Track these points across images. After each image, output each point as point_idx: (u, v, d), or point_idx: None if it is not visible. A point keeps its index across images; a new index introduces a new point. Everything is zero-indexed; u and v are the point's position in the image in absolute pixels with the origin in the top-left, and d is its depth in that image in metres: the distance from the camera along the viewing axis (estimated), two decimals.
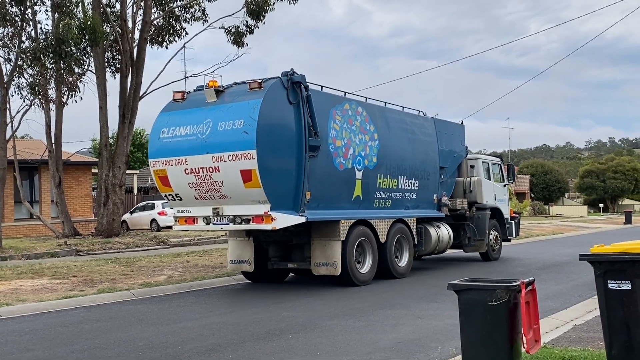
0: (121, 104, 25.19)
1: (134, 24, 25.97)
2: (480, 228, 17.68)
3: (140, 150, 60.50)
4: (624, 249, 5.54)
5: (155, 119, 13.07)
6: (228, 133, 11.63)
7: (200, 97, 12.59)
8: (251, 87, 11.88)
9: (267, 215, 11.62)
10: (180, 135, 12.33)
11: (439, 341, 7.84)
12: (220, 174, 11.75)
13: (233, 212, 12.06)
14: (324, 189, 12.65)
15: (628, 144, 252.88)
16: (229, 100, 12.08)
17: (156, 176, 12.80)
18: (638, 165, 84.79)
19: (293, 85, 12.13)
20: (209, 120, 12.01)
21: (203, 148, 11.91)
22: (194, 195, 12.37)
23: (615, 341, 5.66)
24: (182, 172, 12.24)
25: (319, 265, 12.90)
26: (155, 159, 12.70)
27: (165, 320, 9.64)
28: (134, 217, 33.36)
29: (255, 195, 11.55)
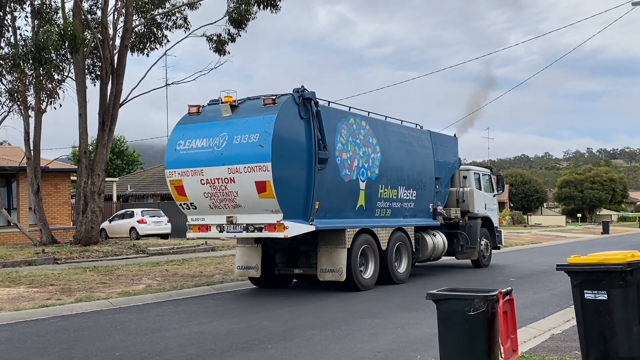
0: (101, 111, 25.02)
1: (115, 31, 25.86)
2: (472, 236, 18.41)
3: (120, 157, 60.15)
4: (600, 260, 5.61)
5: (172, 132, 13.81)
6: (244, 146, 12.29)
7: (215, 111, 13.20)
8: (265, 103, 12.48)
9: (279, 224, 12.28)
10: (197, 148, 12.97)
11: (418, 351, 7.86)
12: (236, 185, 12.41)
13: (246, 220, 12.70)
14: (331, 199, 13.29)
15: (606, 154, 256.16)
16: (244, 115, 12.69)
17: (172, 186, 13.38)
18: (615, 176, 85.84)
19: (304, 102, 12.78)
20: (225, 134, 12.65)
21: (219, 160, 12.54)
22: (208, 205, 13.00)
23: (591, 351, 5.72)
24: (198, 183, 12.87)
25: (325, 271, 13.51)
26: (172, 169, 13.29)
27: (144, 330, 9.56)
28: (113, 225, 33.08)
29: (269, 205, 12.21)
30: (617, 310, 5.52)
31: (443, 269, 19.16)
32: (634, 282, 5.52)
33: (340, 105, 14.15)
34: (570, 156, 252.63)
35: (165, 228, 32.42)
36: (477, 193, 19.18)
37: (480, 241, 18.85)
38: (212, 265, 18.93)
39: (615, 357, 5.59)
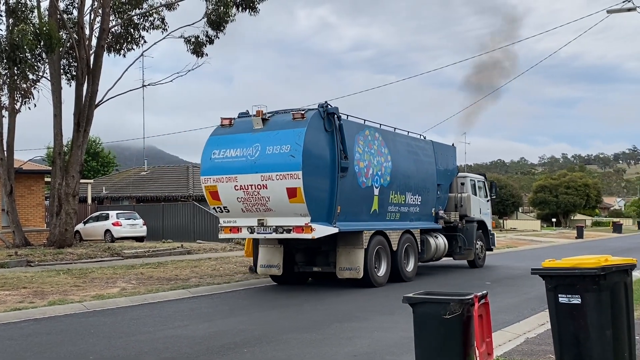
0: (76, 112, 24.74)
1: (92, 31, 25.60)
2: (469, 238, 19.84)
3: (95, 159, 59.53)
4: (574, 264, 5.65)
5: (206, 142, 14.98)
6: (276, 156, 13.64)
7: (246, 123, 14.58)
8: (295, 117, 13.83)
9: (307, 226, 13.60)
10: (231, 157, 14.34)
11: (394, 354, 7.87)
12: (268, 191, 13.73)
13: (276, 223, 14.01)
14: (350, 204, 14.61)
15: (580, 160, 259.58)
16: (275, 127, 14.06)
17: (207, 191, 14.70)
18: (589, 182, 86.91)
19: (328, 116, 14.15)
20: (258, 145, 14.02)
21: (252, 168, 13.87)
22: (241, 208, 14.31)
23: (565, 354, 5.76)
24: (232, 189, 14.18)
25: (344, 269, 14.82)
26: (207, 176, 14.65)
27: (118, 334, 9.45)
28: (88, 228, 32.71)
29: (298, 209, 13.52)
30: (591, 314, 5.56)
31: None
32: (607, 287, 5.57)
33: (356, 118, 15.35)
34: (546, 161, 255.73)
35: (140, 231, 32.14)
36: (473, 198, 20.61)
37: (476, 243, 20.18)
38: (188, 268, 18.80)
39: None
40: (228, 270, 18.65)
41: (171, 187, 41.85)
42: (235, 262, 20.73)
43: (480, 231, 20.60)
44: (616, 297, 5.69)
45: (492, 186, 22.68)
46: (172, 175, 44.75)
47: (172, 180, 43.38)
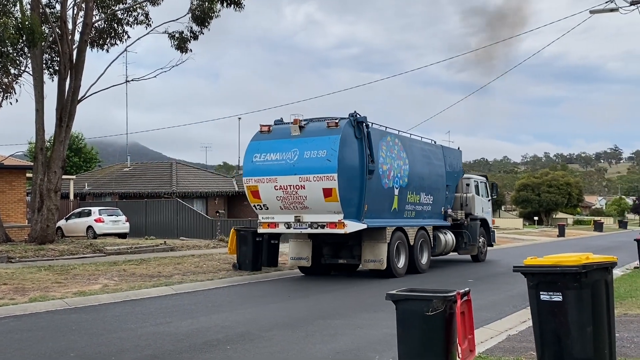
0: (59, 107, 24.51)
1: (75, 25, 25.35)
2: (473, 235, 21.71)
3: (78, 155, 59.00)
4: (555, 262, 5.69)
5: (248, 146, 16.74)
6: (313, 160, 15.35)
7: (283, 129, 16.27)
8: (329, 125, 15.50)
9: (340, 223, 15.30)
10: (271, 160, 16.00)
11: (377, 351, 7.89)
12: (305, 191, 15.44)
13: (311, 219, 15.72)
14: (375, 202, 16.21)
15: (562, 159, 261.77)
16: (311, 134, 15.75)
17: (248, 190, 16.45)
18: (571, 180, 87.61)
19: (358, 124, 15.78)
20: (296, 150, 15.70)
21: (291, 170, 15.58)
22: (279, 206, 16.01)
23: (546, 351, 5.80)
24: (272, 188, 15.87)
25: (368, 261, 16.45)
26: (249, 177, 16.39)
27: (100, 330, 9.39)
28: (70, 224, 32.44)
29: (333, 207, 15.26)
30: (572, 311, 5.61)
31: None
32: (588, 284, 5.62)
33: (379, 125, 16.93)
34: (528, 160, 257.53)
35: (123, 227, 31.93)
36: (476, 198, 22.53)
37: (479, 239, 22.21)
38: (170, 265, 18.71)
39: (569, 358, 5.67)
40: (211, 267, 18.59)
41: (154, 183, 41.62)
42: (218, 259, 20.67)
43: (482, 228, 22.52)
44: (597, 295, 5.73)
45: (493, 187, 24.78)
46: (155, 171, 44.50)
47: (155, 176, 43.14)
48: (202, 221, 33.05)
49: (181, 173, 43.72)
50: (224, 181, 45.82)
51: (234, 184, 44.62)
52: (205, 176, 45.86)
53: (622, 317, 9.73)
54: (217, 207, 42.43)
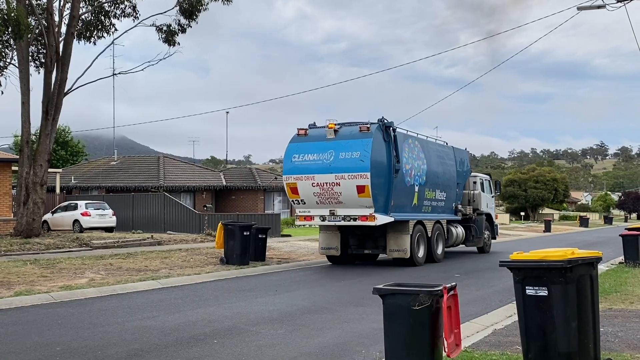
0: (45, 100, 24.33)
1: (61, 17, 25.15)
2: (479, 228, 23.71)
3: (64, 148, 58.63)
4: (541, 257, 5.72)
5: (287, 148, 18.51)
6: (348, 160, 17.22)
7: (319, 133, 18.13)
8: (361, 129, 17.41)
9: (371, 216, 17.20)
10: (309, 160, 17.87)
11: (363, 345, 7.91)
12: (340, 187, 17.33)
13: (344, 213, 17.60)
14: (399, 198, 18.19)
15: (549, 155, 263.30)
16: (345, 137, 17.60)
17: (288, 187, 18.29)
18: (558, 176, 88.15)
19: (386, 128, 17.69)
20: (332, 151, 17.56)
21: (328, 169, 17.47)
22: (315, 201, 17.88)
23: (532, 345, 5.84)
24: (310, 185, 17.75)
25: (393, 251, 18.42)
26: (289, 175, 18.16)
27: (86, 325, 9.35)
28: (56, 218, 32.24)
29: (365, 202, 17.12)
30: (557, 306, 5.65)
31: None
32: (573, 279, 5.66)
33: (401, 129, 18.77)
34: (515, 156, 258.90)
35: (110, 221, 31.78)
36: (482, 195, 24.43)
37: (485, 232, 24.20)
38: (157, 259, 18.65)
39: (554, 352, 5.72)
40: (199, 261, 18.56)
41: (142, 177, 41.43)
42: (206, 253, 20.63)
43: (487, 223, 24.51)
44: (582, 290, 5.78)
45: (496, 184, 26.66)
46: (142, 165, 44.29)
47: (142, 170, 42.94)
48: (189, 215, 32.96)
49: (168, 167, 43.54)
50: (212, 175, 45.69)
51: (221, 178, 44.51)
52: (193, 170, 45.71)
53: (607, 311, 9.81)
54: (204, 201, 42.32)
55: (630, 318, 9.36)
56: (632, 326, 8.71)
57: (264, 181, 44.21)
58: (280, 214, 35.99)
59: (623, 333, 8.24)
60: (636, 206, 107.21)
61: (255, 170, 47.94)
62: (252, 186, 43.28)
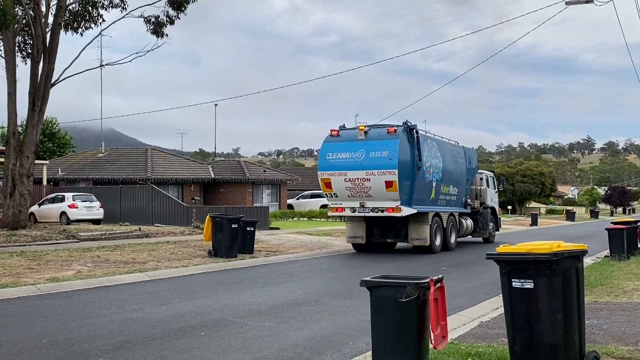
0: (31, 91, 24.14)
1: (48, 8, 24.95)
2: (485, 220, 25.97)
3: (51, 140, 58.20)
4: (527, 249, 5.75)
5: (321, 147, 20.85)
6: (377, 159, 19.39)
7: (350, 134, 20.29)
8: (389, 131, 19.63)
9: (397, 208, 19.46)
10: (342, 159, 20.01)
11: (351, 337, 7.94)
12: (370, 182, 19.51)
13: (373, 205, 19.81)
14: (420, 192, 20.41)
15: (536, 149, 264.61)
16: (374, 138, 19.74)
17: (322, 182, 20.43)
18: (545, 170, 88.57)
19: (410, 130, 19.88)
20: (363, 150, 19.70)
21: (359, 166, 19.62)
22: (347, 195, 20.05)
23: (518, 338, 5.88)
24: (342, 181, 19.94)
25: (414, 239, 20.60)
26: (324, 171, 20.34)
27: (72, 317, 9.32)
28: (43, 210, 32.05)
29: (392, 195, 19.36)
30: (543, 298, 5.68)
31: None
32: (559, 271, 5.69)
33: (422, 131, 20.84)
34: (503, 150, 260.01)
35: (97, 213, 31.63)
36: (488, 190, 26.86)
37: (490, 224, 26.46)
38: (145, 252, 18.60)
39: (540, 344, 5.75)
40: (186, 254, 18.52)
41: (129, 169, 41.23)
42: (194, 245, 20.59)
43: (492, 215, 26.84)
44: (568, 282, 5.81)
45: (499, 180, 29.21)
46: (130, 157, 44.07)
47: (130, 162, 42.73)
48: (177, 208, 32.86)
49: (156, 159, 43.35)
50: (200, 168, 45.56)
51: (210, 171, 44.39)
52: (181, 163, 45.54)
53: (592, 304, 9.90)
54: (192, 193, 42.21)
55: (615, 311, 9.44)
56: (617, 319, 8.79)
57: (252, 174, 44.14)
58: (268, 207, 35.96)
59: (608, 325, 8.31)
60: (622, 200, 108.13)
61: (244, 163, 47.85)
62: (241, 179, 43.21)
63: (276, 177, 47.06)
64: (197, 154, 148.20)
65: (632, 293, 11.14)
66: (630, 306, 9.84)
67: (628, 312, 9.34)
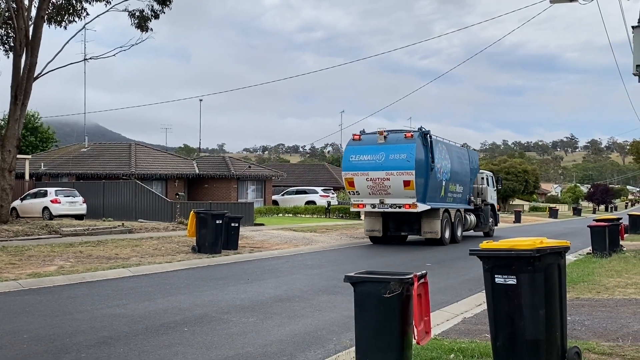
0: (14, 84, 23.87)
1: (31, 1, 24.65)
2: (486, 216, 28.31)
3: (34, 134, 57.67)
4: (510, 246, 5.78)
5: (345, 150, 23.80)
6: (396, 160, 21.80)
7: (371, 138, 22.67)
8: (406, 136, 22.14)
9: (414, 204, 21.87)
10: (364, 160, 22.38)
11: (335, 333, 7.94)
12: (389, 182, 21.93)
13: (392, 202, 22.22)
14: (432, 190, 22.67)
15: (520, 146, 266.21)
16: (393, 142, 22.17)
17: (346, 181, 22.96)
18: (528, 168, 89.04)
19: (424, 135, 22.31)
20: (383, 153, 22.06)
21: (380, 167, 22.03)
22: (368, 192, 22.46)
23: (500, 333, 5.90)
24: (364, 180, 22.38)
25: (427, 233, 22.89)
26: (347, 171, 22.85)
27: (54, 312, 9.24)
28: (25, 205, 31.74)
29: (409, 193, 21.77)
30: (525, 294, 5.71)
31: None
32: (541, 268, 5.72)
33: (434, 135, 23.03)
34: (487, 147, 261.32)
35: (80, 209, 31.38)
36: (488, 188, 29.14)
37: (490, 220, 28.73)
38: (128, 247, 18.48)
39: (522, 340, 5.78)
40: (170, 249, 18.44)
41: (113, 164, 40.95)
42: (177, 241, 20.49)
43: (491, 212, 29.02)
44: (550, 278, 5.84)
45: (498, 179, 31.77)
46: (114, 152, 43.76)
47: (114, 157, 42.44)
48: (161, 203, 32.68)
49: (140, 154, 43.08)
50: (185, 163, 45.35)
51: (194, 167, 44.20)
52: (165, 158, 45.30)
53: (574, 301, 9.98)
54: (177, 189, 42.00)
55: (597, 307, 9.53)
56: (599, 315, 8.87)
57: (237, 170, 44.01)
58: (253, 203, 35.86)
59: (590, 322, 8.38)
60: (604, 198, 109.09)
61: (229, 159, 47.69)
62: (226, 175, 43.06)
63: (261, 173, 46.97)
64: (181, 149, 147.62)
65: (613, 290, 11.24)
66: (611, 303, 9.93)
67: (609, 308, 9.43)
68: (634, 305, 9.67)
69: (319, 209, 42.47)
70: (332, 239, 24.53)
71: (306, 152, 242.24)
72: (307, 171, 66.04)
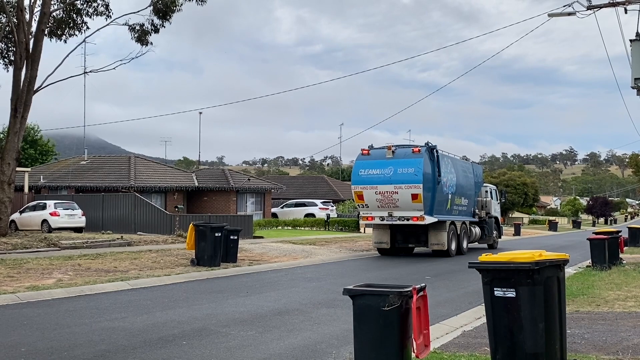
0: (14, 97, 23.93)
1: (32, 14, 24.78)
2: (490, 229, 28.81)
3: (33, 147, 57.72)
4: (509, 258, 5.78)
5: (355, 164, 24.35)
6: (404, 174, 22.39)
7: (379, 153, 23.29)
8: (414, 151, 22.73)
9: (421, 217, 22.41)
10: (372, 174, 22.98)
11: (334, 346, 7.91)
12: (398, 195, 22.51)
13: (400, 214, 22.75)
14: (439, 203, 23.21)
15: (519, 159, 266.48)
16: (401, 157, 22.80)
17: (355, 195, 23.53)
18: (528, 180, 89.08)
19: (431, 150, 22.95)
20: (391, 167, 22.65)
21: (388, 181, 22.63)
22: (377, 205, 23.02)
23: (500, 346, 5.89)
24: (373, 193, 22.93)
25: (434, 244, 23.47)
26: (357, 185, 23.43)
27: (52, 325, 9.20)
28: (24, 217, 31.71)
29: (417, 206, 22.35)
30: (525, 307, 5.70)
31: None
32: (541, 281, 5.72)
33: (441, 150, 23.71)
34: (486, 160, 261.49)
35: (79, 221, 31.34)
36: (492, 201, 29.93)
37: (494, 232, 29.38)
38: (127, 260, 18.44)
39: (521, 353, 5.77)
40: (169, 262, 18.39)
41: (112, 177, 40.96)
42: (176, 254, 20.45)
43: (495, 224, 29.74)
44: (549, 291, 5.84)
45: (502, 193, 33.31)
46: (113, 165, 43.78)
47: (113, 170, 42.45)
48: (160, 216, 32.65)
49: (140, 167, 43.10)
50: (184, 176, 45.35)
51: (193, 179, 44.20)
52: (165, 171, 45.30)
53: (574, 314, 9.95)
54: (176, 202, 41.98)
55: (597, 320, 9.50)
56: (598, 328, 8.84)
57: (236, 182, 44.01)
58: (252, 216, 35.83)
59: (589, 335, 8.36)
60: (604, 211, 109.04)
61: (228, 172, 47.70)
62: (225, 187, 43.06)
63: (260, 185, 46.97)
64: (181, 162, 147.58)
65: (613, 303, 11.22)
66: (611, 316, 9.90)
67: (609, 321, 9.40)
68: (633, 318, 9.65)
69: (318, 221, 42.44)
70: (331, 252, 24.49)
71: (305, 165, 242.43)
72: (307, 184, 66.07)
